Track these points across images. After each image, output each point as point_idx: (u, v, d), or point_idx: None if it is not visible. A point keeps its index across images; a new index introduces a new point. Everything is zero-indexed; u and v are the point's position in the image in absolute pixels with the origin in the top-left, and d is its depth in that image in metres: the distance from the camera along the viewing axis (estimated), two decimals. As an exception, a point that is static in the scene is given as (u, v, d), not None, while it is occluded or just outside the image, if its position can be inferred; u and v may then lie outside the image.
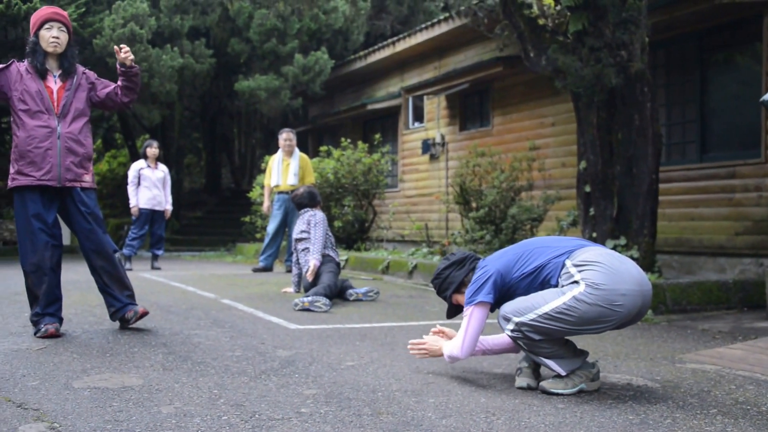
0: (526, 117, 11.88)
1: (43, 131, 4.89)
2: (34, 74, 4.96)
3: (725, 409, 3.31)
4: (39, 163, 4.86)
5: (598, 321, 3.39)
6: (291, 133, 10.66)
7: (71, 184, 4.98)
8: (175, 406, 3.23)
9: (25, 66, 4.98)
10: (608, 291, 3.35)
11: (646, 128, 7.29)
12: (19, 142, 4.89)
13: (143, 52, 15.32)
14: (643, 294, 3.43)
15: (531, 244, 3.72)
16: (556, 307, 3.39)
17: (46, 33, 4.99)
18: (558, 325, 3.40)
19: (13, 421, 2.99)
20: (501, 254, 3.73)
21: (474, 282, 3.66)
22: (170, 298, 7.36)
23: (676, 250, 9.18)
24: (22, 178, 4.89)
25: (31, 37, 5.02)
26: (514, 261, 3.63)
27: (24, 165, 4.87)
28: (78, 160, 5.00)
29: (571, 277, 3.44)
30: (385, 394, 3.48)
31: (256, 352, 4.50)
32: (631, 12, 7.09)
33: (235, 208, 19.74)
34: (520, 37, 7.99)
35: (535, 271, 3.56)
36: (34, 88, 4.91)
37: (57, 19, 5.02)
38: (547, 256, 3.57)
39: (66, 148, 4.94)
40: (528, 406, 3.31)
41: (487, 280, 3.59)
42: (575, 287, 3.39)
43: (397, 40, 15.09)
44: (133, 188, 11.39)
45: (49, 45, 4.98)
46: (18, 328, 5.28)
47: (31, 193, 4.90)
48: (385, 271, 10.15)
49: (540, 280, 3.55)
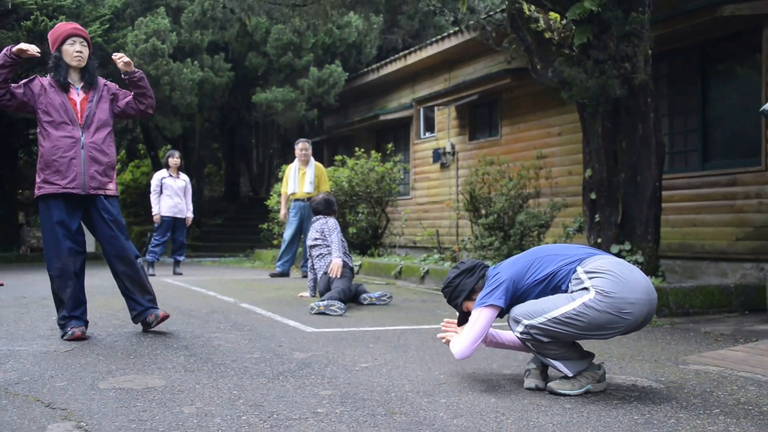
0: (534, 127, 11.87)
1: (67, 141, 4.92)
2: (57, 88, 4.99)
3: (727, 409, 3.30)
4: (64, 171, 4.89)
5: (605, 327, 3.39)
6: (307, 143, 10.69)
7: (95, 192, 5.00)
8: (197, 406, 3.24)
9: (48, 80, 5.01)
10: (617, 299, 3.35)
11: (649, 137, 7.27)
12: (44, 152, 4.93)
13: (165, 66, 15.42)
14: (650, 303, 3.43)
15: (541, 252, 3.70)
16: (565, 312, 3.38)
17: (69, 48, 5.02)
18: (566, 330, 3.40)
19: (42, 420, 3.00)
20: (513, 262, 3.71)
21: (487, 286, 3.64)
22: (191, 302, 7.38)
23: (679, 255, 9.14)
24: (48, 187, 4.92)
25: (54, 53, 5.04)
26: (525, 268, 3.61)
27: (50, 174, 4.90)
28: (102, 168, 5.03)
29: (582, 284, 3.43)
30: (398, 395, 3.48)
31: (274, 354, 4.51)
32: (634, 25, 7.07)
33: (253, 215, 19.77)
34: (527, 50, 8.00)
35: (547, 278, 3.55)
36: (57, 101, 4.94)
37: (78, 35, 5.06)
38: (558, 264, 3.56)
39: (90, 158, 4.97)
40: (536, 406, 3.31)
41: (499, 285, 3.58)
42: (585, 294, 3.39)
43: (409, 53, 15.11)
44: (156, 196, 11.44)
45: (73, 59, 5.01)
46: (46, 331, 5.31)
47: (55, 201, 4.93)
48: (398, 276, 10.15)
49: (551, 287, 3.54)
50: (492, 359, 4.43)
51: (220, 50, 17.74)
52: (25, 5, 13.87)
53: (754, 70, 8.57)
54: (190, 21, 16.68)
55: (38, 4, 13.98)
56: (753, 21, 8.28)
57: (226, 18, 17.12)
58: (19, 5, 13.87)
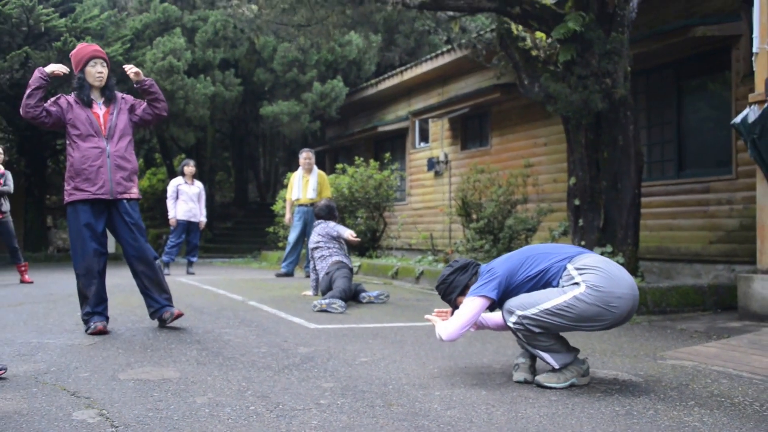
0: (521, 138, 11.87)
1: (95, 151, 4.97)
2: (81, 104, 5.05)
3: (702, 401, 3.29)
4: (93, 179, 4.94)
5: (594, 319, 3.40)
6: (310, 153, 10.68)
7: (121, 196, 5.04)
8: (208, 396, 3.23)
9: (72, 98, 5.07)
10: (606, 293, 3.36)
11: (629, 148, 7.27)
12: (74, 161, 4.97)
13: (180, 81, 15.43)
14: (634, 298, 3.44)
15: (533, 250, 3.70)
16: (557, 304, 3.39)
17: (92, 69, 5.07)
18: (557, 321, 3.40)
19: (67, 408, 3.00)
20: (506, 259, 3.69)
21: (481, 279, 3.62)
22: (203, 300, 7.37)
23: (657, 257, 9.13)
24: (78, 193, 4.96)
25: (77, 74, 5.10)
26: (518, 265, 3.60)
27: (80, 182, 4.95)
28: (126, 174, 5.09)
29: (572, 279, 3.44)
30: (395, 387, 3.47)
31: (280, 349, 4.50)
32: (614, 44, 7.08)
33: (260, 219, 19.76)
34: (515, 66, 8.00)
35: (539, 274, 3.54)
36: (83, 116, 5.00)
37: (99, 56, 5.11)
38: (549, 261, 3.56)
39: (115, 165, 5.02)
40: (525, 398, 3.30)
41: (493, 278, 3.56)
42: (576, 288, 3.40)
43: (405, 69, 15.12)
44: (172, 202, 11.43)
45: (95, 80, 5.08)
46: (72, 326, 5.31)
47: (83, 206, 4.97)
48: (395, 277, 10.13)
49: (543, 282, 3.54)
50: (483, 354, 4.43)
51: (231, 67, 17.76)
52: (56, 28, 13.93)
53: (724, 86, 8.58)
54: (204, 40, 16.70)
55: (67, 26, 14.03)
56: (723, 41, 8.29)
57: (236, 37, 17.13)
58: (51, 28, 13.93)
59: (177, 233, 11.49)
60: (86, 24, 14.42)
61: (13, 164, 16.12)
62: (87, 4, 15.36)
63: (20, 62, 13.24)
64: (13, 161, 16.49)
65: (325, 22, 8.20)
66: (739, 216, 8.17)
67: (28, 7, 13.49)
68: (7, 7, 13.34)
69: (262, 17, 8.52)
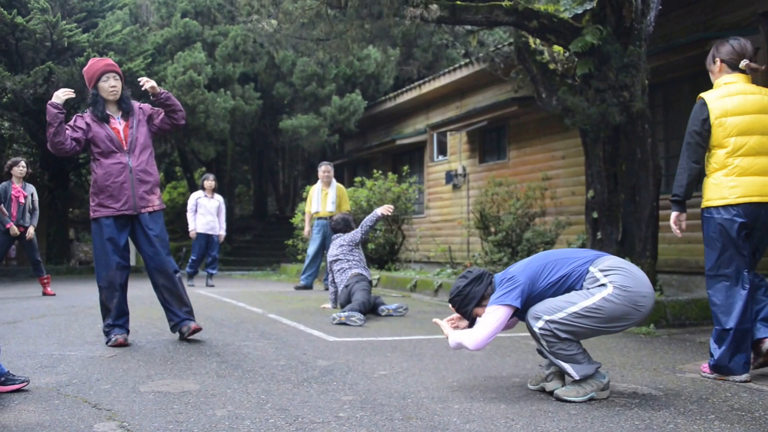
0: (539, 151, 11.85)
1: (117, 167, 5.00)
2: (98, 121, 5.04)
3: (722, 415, 3.25)
4: (117, 195, 4.98)
5: (622, 319, 3.42)
6: (329, 166, 10.72)
7: (145, 210, 5.07)
8: (228, 409, 3.24)
9: (88, 116, 5.06)
10: (633, 293, 3.40)
11: (647, 161, 7.24)
12: (98, 178, 5.01)
13: (200, 95, 15.57)
14: (653, 297, 3.50)
15: (552, 256, 3.67)
16: (586, 306, 3.39)
17: (105, 84, 5.05)
18: (586, 324, 3.39)
19: (89, 420, 3.03)
20: (525, 265, 3.65)
21: (503, 287, 3.56)
22: (223, 312, 7.40)
23: (675, 270, 9.06)
24: (103, 210, 5.00)
25: (91, 90, 5.08)
26: (539, 271, 3.57)
27: (104, 198, 4.99)
28: (149, 187, 5.12)
29: (597, 281, 3.45)
30: (414, 401, 3.47)
31: (299, 362, 4.51)
32: (632, 58, 7.07)
33: (279, 232, 19.83)
34: (533, 80, 8.00)
35: (561, 280, 3.53)
36: (102, 134, 5.01)
37: (112, 70, 5.08)
38: (570, 266, 3.55)
39: (138, 180, 5.05)
40: (544, 412, 3.28)
41: (516, 287, 3.52)
42: (604, 289, 3.41)
43: (423, 82, 15.16)
44: (192, 215, 11.57)
45: (109, 94, 5.06)
46: (92, 338, 5.35)
47: (106, 220, 5.02)
48: (413, 290, 10.12)
49: (565, 287, 3.53)
50: (502, 368, 4.41)
51: (251, 81, 17.89)
52: (79, 43, 14.14)
53: (744, 99, 8.51)
54: (224, 55, 16.86)
55: (90, 42, 14.23)
56: (742, 53, 8.24)
57: (256, 52, 17.28)
58: (74, 43, 14.13)
59: (197, 246, 11.59)
60: (108, 39, 14.62)
61: (36, 178, 16.31)
62: (109, 20, 15.57)
63: (44, 77, 13.44)
64: (37, 175, 16.69)
65: (344, 36, 8.25)
66: (759, 229, 8.09)
67: (52, 22, 13.70)
68: (31, 23, 13.56)
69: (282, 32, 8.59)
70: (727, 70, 4.19)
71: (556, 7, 7.92)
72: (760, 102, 4.04)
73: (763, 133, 4.02)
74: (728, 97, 4.09)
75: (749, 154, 4.01)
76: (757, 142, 4.01)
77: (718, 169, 4.12)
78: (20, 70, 13.94)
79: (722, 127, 4.06)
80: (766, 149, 4.03)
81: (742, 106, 4.03)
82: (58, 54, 14.29)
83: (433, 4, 7.40)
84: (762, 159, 4.01)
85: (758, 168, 4.01)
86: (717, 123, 4.08)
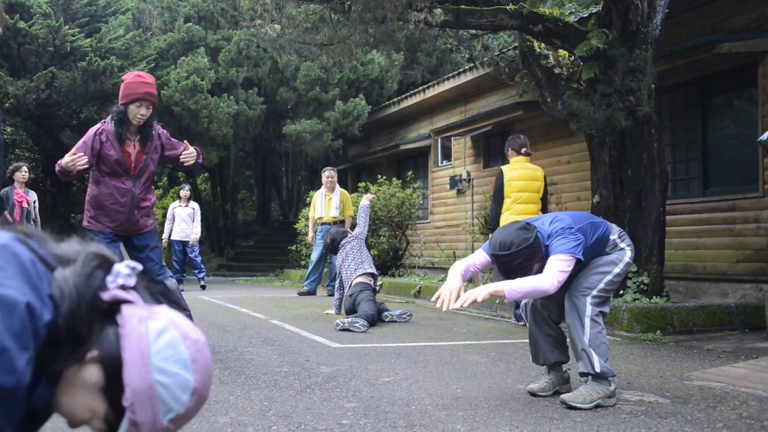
0: (544, 155, 11.82)
1: (120, 191, 4.93)
2: (114, 140, 4.86)
3: (730, 423, 3.23)
4: (113, 216, 4.95)
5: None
6: (332, 171, 10.73)
7: (137, 232, 5.08)
8: (231, 416, 3.23)
9: (111, 130, 4.88)
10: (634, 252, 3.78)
11: (653, 165, 7.22)
12: (97, 194, 4.95)
13: (203, 100, 15.60)
14: None
15: (584, 218, 3.70)
16: (617, 273, 3.64)
17: (135, 109, 4.80)
18: (612, 288, 3.65)
19: (87, 429, 3.01)
20: (575, 221, 3.57)
21: (569, 239, 3.43)
22: (226, 318, 7.39)
23: (683, 276, 9.02)
24: (97, 224, 4.99)
25: (120, 105, 4.85)
26: (586, 231, 3.59)
27: (100, 215, 4.97)
28: (145, 212, 5.10)
29: (617, 246, 3.70)
30: (418, 408, 3.46)
31: (302, 368, 4.50)
32: (638, 62, 7.06)
33: (282, 237, 19.82)
34: (538, 84, 7.99)
35: (597, 242, 3.64)
36: (113, 157, 4.86)
37: (149, 100, 4.83)
38: (601, 230, 3.68)
39: (137, 206, 5.00)
40: (549, 419, 3.27)
41: (581, 242, 3.48)
42: (624, 254, 3.69)
43: (427, 87, 15.16)
44: (169, 223, 12.55)
45: (135, 119, 4.84)
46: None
47: (99, 233, 4.99)
48: (417, 295, 10.11)
49: (598, 250, 3.66)
50: (507, 374, 4.39)
51: (254, 86, 17.91)
52: (82, 48, 14.19)
53: (750, 103, 8.50)
54: (227, 59, 16.88)
55: (93, 47, 14.28)
56: (749, 57, 8.22)
57: (259, 56, 17.30)
58: (76, 48, 14.18)
59: (176, 254, 12.54)
60: (111, 44, 14.68)
61: (38, 183, 16.35)
62: (112, 25, 15.63)
63: (46, 82, 13.48)
64: (39, 180, 16.72)
65: (348, 41, 8.24)
66: (766, 234, 8.06)
67: (55, 27, 13.75)
68: (34, 28, 13.60)
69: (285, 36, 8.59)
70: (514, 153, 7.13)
71: (561, 10, 7.92)
72: (530, 174, 6.97)
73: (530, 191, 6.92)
74: (514, 171, 6.99)
75: (522, 202, 6.87)
76: (527, 198, 6.91)
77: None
78: (23, 75, 13.99)
79: (509, 186, 6.94)
80: (532, 200, 6.92)
81: (520, 175, 6.96)
82: (60, 59, 14.33)
83: (438, 8, 7.40)
84: (528, 206, 6.84)
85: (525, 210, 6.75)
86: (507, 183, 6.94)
